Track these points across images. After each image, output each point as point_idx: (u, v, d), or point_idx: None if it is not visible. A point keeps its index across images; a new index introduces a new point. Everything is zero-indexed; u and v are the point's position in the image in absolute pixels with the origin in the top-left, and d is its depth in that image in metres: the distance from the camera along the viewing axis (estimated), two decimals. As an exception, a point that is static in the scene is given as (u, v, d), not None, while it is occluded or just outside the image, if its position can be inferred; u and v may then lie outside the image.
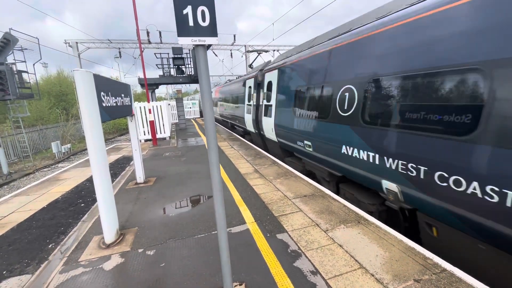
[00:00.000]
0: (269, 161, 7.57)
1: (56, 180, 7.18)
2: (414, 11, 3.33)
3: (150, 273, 2.90)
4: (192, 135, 14.18)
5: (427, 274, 2.65)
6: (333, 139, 4.88)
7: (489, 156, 2.45)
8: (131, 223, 4.15)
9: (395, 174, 3.50)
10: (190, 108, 28.03)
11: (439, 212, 3.09)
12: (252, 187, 5.43)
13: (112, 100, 4.08)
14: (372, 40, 4.02)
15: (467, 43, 2.64)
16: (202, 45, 1.94)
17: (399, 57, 3.48)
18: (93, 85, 3.28)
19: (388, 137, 3.56)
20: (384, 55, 3.75)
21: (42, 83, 24.48)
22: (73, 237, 3.89)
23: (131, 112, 5.30)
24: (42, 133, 18.22)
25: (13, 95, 11.89)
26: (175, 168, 7.38)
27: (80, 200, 5.68)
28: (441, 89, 2.88)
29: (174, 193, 5.37)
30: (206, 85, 2.01)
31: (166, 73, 17.02)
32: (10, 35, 11.92)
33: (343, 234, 3.47)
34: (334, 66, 4.92)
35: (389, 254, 3.00)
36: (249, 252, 3.20)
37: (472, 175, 2.57)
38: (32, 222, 4.64)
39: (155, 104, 13.00)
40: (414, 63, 3.23)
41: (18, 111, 14.11)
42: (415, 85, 3.20)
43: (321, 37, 5.87)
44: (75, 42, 20.57)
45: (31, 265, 3.38)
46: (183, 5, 1.81)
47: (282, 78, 7.34)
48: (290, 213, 4.17)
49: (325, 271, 2.78)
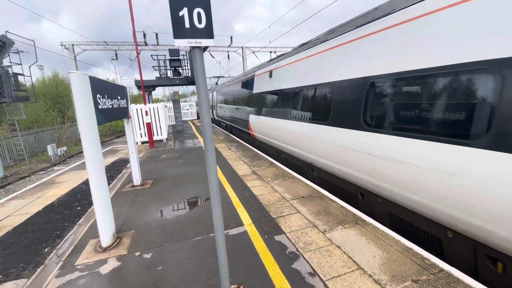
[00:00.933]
0: (267, 162, 7.57)
1: (52, 183, 7.12)
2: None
3: (147, 277, 2.87)
4: (189, 136, 14.14)
5: (425, 274, 2.65)
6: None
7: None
8: (128, 226, 4.12)
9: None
10: (187, 110, 28.00)
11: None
12: (250, 189, 5.43)
13: (108, 102, 4.06)
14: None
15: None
16: (198, 47, 1.93)
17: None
18: (89, 88, 3.26)
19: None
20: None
21: (38, 85, 24.30)
22: (69, 240, 3.85)
23: (127, 114, 5.28)
24: (38, 136, 18.06)
25: (9, 98, 11.81)
26: (172, 170, 7.35)
27: (76, 203, 5.64)
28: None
29: (171, 196, 5.34)
30: (203, 87, 2.01)
31: (163, 75, 16.97)
32: (6, 37, 11.85)
33: (341, 235, 3.48)
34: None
35: (387, 255, 3.01)
36: (246, 254, 3.18)
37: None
38: (28, 226, 4.59)
39: (152, 106, 12.96)
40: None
41: (14, 113, 14.00)
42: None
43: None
44: (71, 44, 20.50)
45: (27, 269, 3.34)
46: (179, 7, 1.81)
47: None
48: (288, 215, 4.17)
49: (323, 272, 2.78)
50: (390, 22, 3.56)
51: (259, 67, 9.93)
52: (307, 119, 5.74)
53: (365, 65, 4.02)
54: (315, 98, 5.46)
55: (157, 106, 13.06)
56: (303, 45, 6.44)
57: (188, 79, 16.85)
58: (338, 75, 4.67)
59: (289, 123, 6.61)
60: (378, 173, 3.76)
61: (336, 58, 4.78)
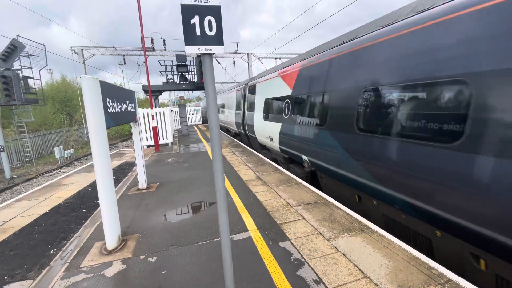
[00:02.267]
0: (271, 168, 7.56)
1: (59, 185, 7.20)
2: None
3: (152, 280, 2.88)
4: (194, 141, 14.22)
5: (432, 284, 2.61)
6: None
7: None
8: (133, 229, 4.14)
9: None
10: (192, 115, 28.22)
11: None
12: (254, 194, 5.42)
13: (117, 106, 4.13)
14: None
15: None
16: (208, 53, 1.97)
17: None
18: (99, 92, 3.33)
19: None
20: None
21: (47, 88, 24.75)
22: (75, 242, 3.88)
23: (135, 118, 5.34)
24: (45, 138, 18.33)
25: (18, 101, 12.03)
26: (177, 174, 7.39)
27: (82, 205, 5.69)
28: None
29: (176, 200, 5.36)
30: (212, 93, 2.04)
31: (169, 80, 17.17)
32: (17, 41, 12.14)
33: (347, 243, 3.45)
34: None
35: (393, 264, 2.97)
36: (251, 260, 3.17)
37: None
38: (34, 227, 4.64)
39: (158, 111, 13.09)
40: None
41: (23, 116, 14.25)
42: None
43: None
44: (81, 49, 20.90)
45: (33, 270, 3.37)
46: (191, 15, 1.86)
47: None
48: (292, 221, 4.15)
49: (328, 280, 2.75)
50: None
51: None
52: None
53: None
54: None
55: (163, 111, 13.20)
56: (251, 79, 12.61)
57: (195, 85, 17.01)
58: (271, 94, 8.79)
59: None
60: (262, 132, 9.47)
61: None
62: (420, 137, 3.10)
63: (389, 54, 3.65)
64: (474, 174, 2.53)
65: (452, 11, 2.85)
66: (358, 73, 4.25)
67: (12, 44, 12.03)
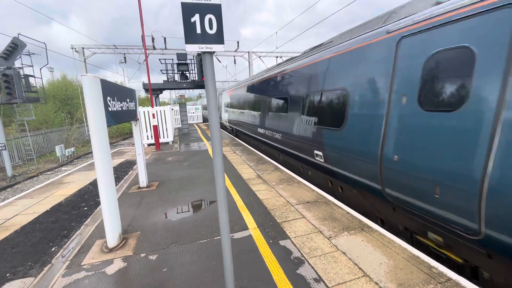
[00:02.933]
0: (272, 166, 7.57)
1: (60, 184, 7.22)
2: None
3: (152, 278, 2.89)
4: (194, 140, 14.24)
5: (432, 283, 2.62)
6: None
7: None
8: (133, 227, 4.16)
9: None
10: (193, 113, 28.23)
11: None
12: (255, 193, 5.43)
13: (118, 104, 4.13)
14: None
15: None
16: (209, 52, 1.97)
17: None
18: (100, 90, 3.33)
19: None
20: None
21: (48, 87, 24.78)
22: (76, 240, 3.90)
23: (135, 117, 5.35)
24: (46, 136, 18.37)
25: (19, 99, 12.04)
26: (177, 172, 7.40)
27: (83, 203, 5.71)
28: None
29: (176, 198, 5.37)
30: (213, 91, 2.04)
31: (170, 79, 17.16)
32: (18, 40, 12.14)
33: (347, 242, 3.45)
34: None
35: (393, 262, 2.97)
36: (251, 258, 3.18)
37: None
38: (35, 225, 4.66)
39: (159, 109, 13.10)
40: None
41: (24, 114, 14.28)
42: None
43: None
44: (82, 48, 20.91)
45: (34, 268, 3.39)
46: (191, 14, 1.85)
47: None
48: (293, 220, 4.16)
49: (328, 278, 2.76)
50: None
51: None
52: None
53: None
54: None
55: (164, 109, 13.20)
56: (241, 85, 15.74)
57: (195, 83, 17.00)
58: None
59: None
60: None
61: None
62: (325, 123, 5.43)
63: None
64: (340, 141, 4.80)
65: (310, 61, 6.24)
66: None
67: (14, 42, 12.04)
